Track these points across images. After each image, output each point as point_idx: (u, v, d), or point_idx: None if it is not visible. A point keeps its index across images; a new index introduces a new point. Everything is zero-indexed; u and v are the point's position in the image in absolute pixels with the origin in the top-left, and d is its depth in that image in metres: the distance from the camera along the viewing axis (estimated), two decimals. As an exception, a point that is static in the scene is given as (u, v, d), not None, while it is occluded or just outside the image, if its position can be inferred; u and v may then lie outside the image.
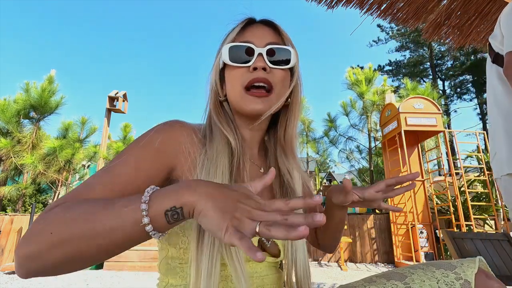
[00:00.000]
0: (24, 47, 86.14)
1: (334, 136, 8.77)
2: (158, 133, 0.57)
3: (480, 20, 2.06)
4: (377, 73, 7.96)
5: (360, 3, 2.15)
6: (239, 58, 0.64)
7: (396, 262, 5.28)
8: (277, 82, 0.65)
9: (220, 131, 0.64)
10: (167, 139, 0.57)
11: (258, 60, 0.63)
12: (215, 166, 0.58)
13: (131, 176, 0.52)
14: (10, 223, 5.11)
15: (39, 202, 7.68)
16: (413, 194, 5.27)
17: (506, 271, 2.05)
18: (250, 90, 0.64)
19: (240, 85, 0.64)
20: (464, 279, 0.47)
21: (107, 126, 7.37)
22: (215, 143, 0.61)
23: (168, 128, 0.59)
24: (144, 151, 0.55)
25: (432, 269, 0.52)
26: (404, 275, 0.52)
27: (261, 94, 0.63)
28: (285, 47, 0.66)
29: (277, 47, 0.65)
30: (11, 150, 6.28)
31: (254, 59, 0.63)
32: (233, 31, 0.68)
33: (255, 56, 0.63)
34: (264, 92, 0.64)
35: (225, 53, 0.65)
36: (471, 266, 0.50)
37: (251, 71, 0.63)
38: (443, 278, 0.48)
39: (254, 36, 0.67)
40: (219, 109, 0.69)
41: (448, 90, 21.52)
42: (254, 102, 0.63)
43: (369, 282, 0.56)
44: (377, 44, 22.58)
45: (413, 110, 5.44)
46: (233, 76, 0.65)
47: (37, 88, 6.65)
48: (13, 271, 4.39)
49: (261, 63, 0.63)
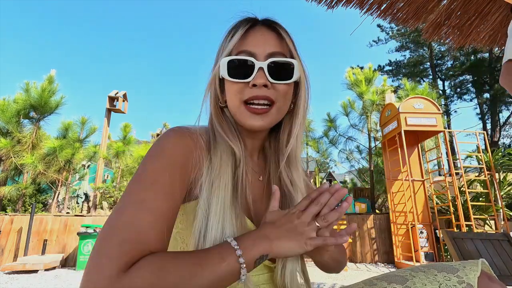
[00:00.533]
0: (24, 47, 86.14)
1: (334, 136, 8.77)
2: (175, 147, 0.56)
3: (480, 20, 2.06)
4: (377, 73, 7.95)
5: (360, 3, 2.15)
6: (238, 73, 0.60)
7: (396, 262, 5.28)
8: (279, 97, 0.62)
9: (224, 140, 0.62)
10: (185, 152, 0.56)
11: (258, 76, 0.59)
12: (218, 178, 0.58)
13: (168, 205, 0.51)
14: (10, 223, 5.11)
15: (39, 202, 7.68)
16: (413, 194, 5.27)
17: (506, 271, 2.05)
18: (250, 105, 0.61)
19: (239, 99, 0.61)
20: (466, 283, 0.46)
21: (107, 126, 7.36)
22: (219, 151, 0.60)
23: (183, 141, 0.57)
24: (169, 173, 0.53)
25: (434, 272, 0.51)
26: (405, 278, 0.51)
27: (261, 111, 0.60)
28: (288, 60, 0.62)
29: (279, 60, 0.61)
30: (11, 150, 6.28)
31: (254, 75, 0.59)
32: (233, 38, 0.62)
33: (255, 71, 0.59)
34: (265, 108, 0.60)
35: (223, 68, 0.61)
36: (473, 269, 0.49)
37: (251, 87, 0.60)
38: (445, 282, 0.47)
39: (255, 44, 0.62)
40: (221, 116, 0.66)
41: (448, 90, 21.50)
42: (253, 119, 0.60)
43: (370, 284, 0.56)
44: (377, 44, 22.56)
45: (413, 110, 5.44)
46: (232, 90, 0.62)
47: (37, 88, 6.65)
48: (13, 271, 4.39)
49: (262, 79, 0.59)
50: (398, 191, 5.65)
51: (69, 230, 5.30)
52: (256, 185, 0.69)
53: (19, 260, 4.55)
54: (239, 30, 0.63)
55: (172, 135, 0.57)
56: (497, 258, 2.13)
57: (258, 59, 0.60)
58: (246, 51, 0.61)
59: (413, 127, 5.37)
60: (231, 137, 0.63)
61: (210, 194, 0.57)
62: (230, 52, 0.62)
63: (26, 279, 4.02)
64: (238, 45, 0.62)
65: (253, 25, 0.65)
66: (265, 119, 0.61)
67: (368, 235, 5.78)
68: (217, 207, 0.55)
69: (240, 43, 0.62)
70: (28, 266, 4.36)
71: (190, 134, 0.59)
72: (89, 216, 5.60)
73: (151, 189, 0.50)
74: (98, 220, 5.47)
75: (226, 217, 0.55)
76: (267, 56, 0.61)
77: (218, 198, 0.56)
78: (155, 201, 0.49)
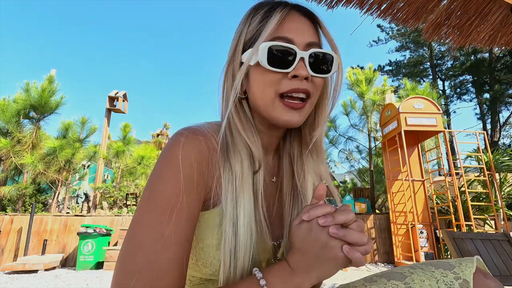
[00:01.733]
0: (24, 47, 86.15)
1: (334, 136, 8.78)
2: (187, 156, 0.50)
3: (480, 20, 2.06)
4: (377, 73, 7.96)
5: (360, 3, 2.15)
6: (278, 61, 0.53)
7: (396, 262, 5.28)
8: (315, 91, 0.57)
9: (244, 142, 0.57)
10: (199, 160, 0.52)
11: (299, 67, 0.54)
12: (241, 186, 0.54)
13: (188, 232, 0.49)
14: (10, 223, 5.11)
15: (39, 202, 7.68)
16: (413, 194, 5.27)
17: (506, 271, 2.05)
18: (285, 98, 0.55)
19: (274, 92, 0.55)
20: (463, 279, 0.47)
21: (107, 126, 7.37)
22: (239, 155, 0.56)
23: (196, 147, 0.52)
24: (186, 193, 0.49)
25: (431, 268, 0.52)
26: (404, 274, 0.53)
27: (298, 106, 0.55)
28: (329, 53, 0.57)
29: (320, 52, 0.56)
30: (11, 150, 6.28)
31: (295, 65, 0.54)
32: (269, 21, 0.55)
33: (297, 61, 0.54)
34: (302, 103, 0.56)
35: (263, 54, 0.53)
36: (469, 265, 0.50)
37: (290, 78, 0.54)
38: (442, 278, 0.48)
39: (293, 31, 0.55)
40: (241, 113, 0.59)
41: (448, 90, 21.50)
42: (290, 114, 0.55)
43: (370, 281, 0.56)
44: (377, 44, 22.57)
45: (413, 110, 5.44)
46: (267, 80, 0.55)
47: (37, 88, 6.65)
48: (13, 271, 4.39)
49: (304, 71, 0.54)
50: (398, 191, 5.65)
51: (69, 230, 5.30)
52: (269, 187, 0.65)
53: (19, 260, 4.55)
54: (275, 13, 0.55)
55: (183, 142, 0.51)
56: (497, 258, 2.13)
57: (298, 48, 0.54)
58: (283, 38, 0.55)
59: (413, 127, 5.37)
60: (250, 136, 0.57)
61: (235, 207, 0.53)
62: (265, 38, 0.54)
63: (26, 279, 4.02)
64: (275, 30, 0.55)
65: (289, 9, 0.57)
66: (302, 114, 0.56)
67: (368, 235, 5.78)
68: (245, 221, 0.53)
69: (277, 28, 0.55)
70: (28, 266, 4.36)
71: (203, 137, 0.53)
72: (89, 216, 5.60)
73: (170, 220, 0.47)
74: (98, 220, 5.47)
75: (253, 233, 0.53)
76: (306, 46, 0.56)
77: (244, 210, 0.53)
78: (176, 234, 0.47)
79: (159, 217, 0.47)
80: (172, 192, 0.48)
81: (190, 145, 0.51)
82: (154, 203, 0.47)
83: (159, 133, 17.79)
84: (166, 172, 0.49)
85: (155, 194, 0.48)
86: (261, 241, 0.57)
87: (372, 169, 7.60)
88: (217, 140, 0.55)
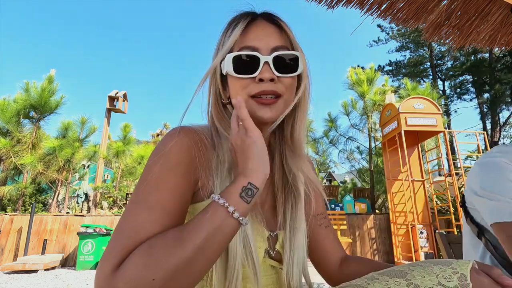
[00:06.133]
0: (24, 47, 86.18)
1: (334, 136, 8.79)
2: (178, 145, 0.55)
3: (480, 20, 2.06)
4: (379, 73, 7.97)
5: (360, 3, 2.15)
6: (243, 69, 0.60)
7: (396, 262, 5.28)
8: (285, 90, 0.62)
9: (226, 138, 0.62)
10: (189, 151, 0.56)
11: (264, 70, 0.59)
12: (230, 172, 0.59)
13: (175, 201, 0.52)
14: (10, 223, 5.11)
15: (39, 201, 7.68)
16: (413, 194, 5.28)
17: (506, 272, 2.05)
18: (257, 97, 0.61)
19: (246, 95, 0.61)
20: (460, 273, 0.49)
21: (107, 126, 7.36)
22: (226, 150, 0.61)
23: (187, 140, 0.57)
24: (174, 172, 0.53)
25: (430, 265, 0.54)
26: (404, 272, 0.54)
27: (269, 101, 0.60)
28: (292, 53, 0.62)
29: (284, 53, 0.61)
30: (11, 150, 6.28)
31: (260, 69, 0.59)
32: (233, 33, 0.62)
33: (261, 65, 0.59)
34: (273, 98, 0.61)
35: (229, 64, 0.61)
36: (466, 262, 0.53)
37: (257, 81, 0.60)
38: (441, 273, 0.51)
39: (258, 38, 0.62)
40: (222, 114, 0.66)
41: (448, 90, 21.52)
42: (262, 110, 0.60)
43: (372, 279, 0.57)
44: (377, 44, 22.57)
45: (413, 110, 5.44)
46: (238, 86, 0.61)
47: (37, 87, 6.66)
48: (13, 271, 4.39)
49: (268, 73, 0.59)
50: (398, 191, 5.66)
51: (69, 230, 5.30)
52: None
53: (19, 260, 4.56)
54: (239, 25, 0.62)
55: (176, 134, 0.57)
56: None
57: (263, 54, 0.60)
58: (249, 47, 0.61)
59: (413, 127, 5.37)
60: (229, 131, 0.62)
61: None
62: (232, 48, 0.62)
63: (26, 279, 4.02)
64: (240, 41, 0.62)
65: (253, 19, 0.64)
66: (273, 109, 0.61)
67: (368, 235, 5.79)
68: None
69: (242, 38, 0.62)
70: (28, 266, 4.36)
71: (194, 133, 0.59)
72: (89, 216, 5.60)
73: (155, 189, 0.51)
74: (98, 220, 5.47)
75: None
76: (271, 50, 0.61)
77: None
78: (159, 200, 0.50)
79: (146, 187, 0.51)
80: (161, 169, 0.52)
81: (182, 137, 0.56)
82: (144, 179, 0.52)
83: (159, 133, 17.82)
84: (158, 156, 0.54)
85: (146, 173, 0.53)
86: (256, 229, 0.61)
87: (372, 169, 7.60)
88: (208, 137, 0.61)
